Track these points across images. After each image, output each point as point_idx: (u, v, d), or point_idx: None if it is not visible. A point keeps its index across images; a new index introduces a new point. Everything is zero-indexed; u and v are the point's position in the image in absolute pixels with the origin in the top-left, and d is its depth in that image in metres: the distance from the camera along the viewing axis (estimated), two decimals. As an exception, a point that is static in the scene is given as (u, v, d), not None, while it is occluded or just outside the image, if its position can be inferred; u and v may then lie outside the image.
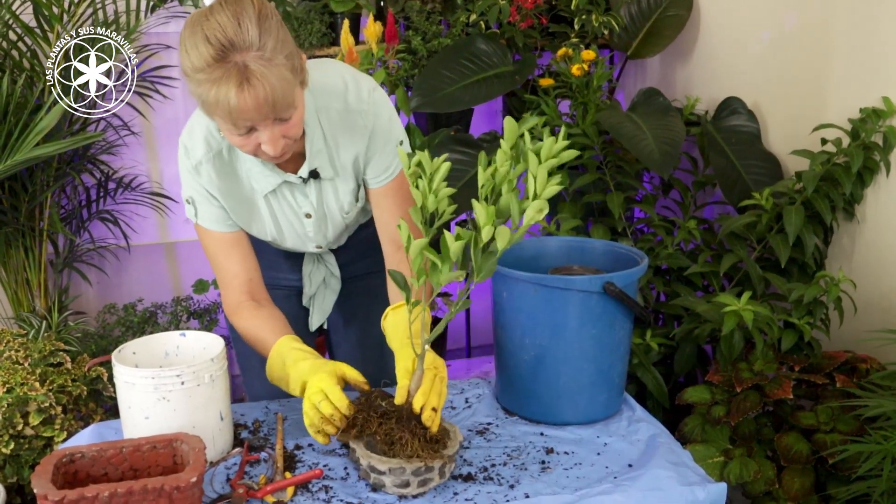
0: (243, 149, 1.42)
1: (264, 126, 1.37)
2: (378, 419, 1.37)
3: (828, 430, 1.95)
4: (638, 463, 1.45)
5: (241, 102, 1.30)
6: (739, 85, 2.78)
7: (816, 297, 2.17)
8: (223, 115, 1.34)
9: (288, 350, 1.50)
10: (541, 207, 1.24)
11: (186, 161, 1.56)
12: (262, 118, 1.34)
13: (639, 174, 2.72)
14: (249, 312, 1.60)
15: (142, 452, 1.32)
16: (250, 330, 1.60)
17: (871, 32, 2.22)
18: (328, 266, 1.84)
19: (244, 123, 1.35)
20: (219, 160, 1.55)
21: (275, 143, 1.39)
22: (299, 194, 1.62)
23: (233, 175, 1.58)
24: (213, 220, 1.60)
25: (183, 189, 1.61)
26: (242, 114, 1.32)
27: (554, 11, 3.06)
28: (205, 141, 1.54)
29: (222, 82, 1.29)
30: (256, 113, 1.32)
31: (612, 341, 1.58)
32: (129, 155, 3.20)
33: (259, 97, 1.30)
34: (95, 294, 3.28)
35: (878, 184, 2.24)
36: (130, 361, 1.49)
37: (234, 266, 1.62)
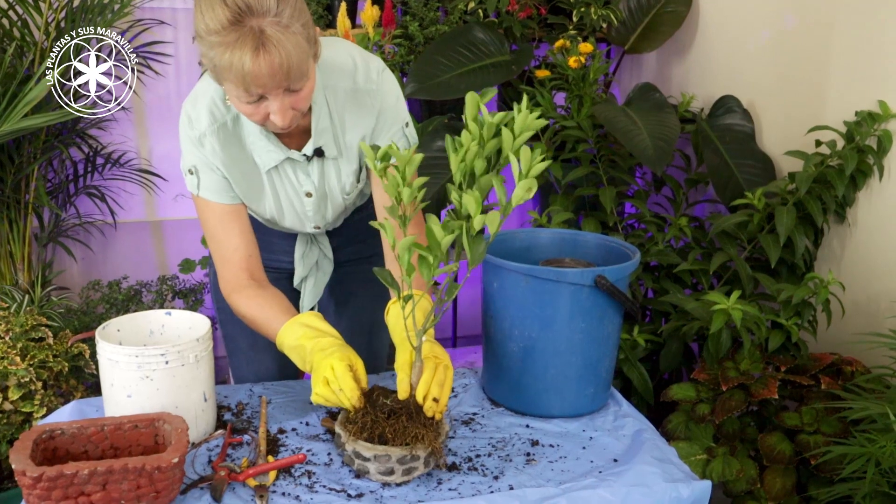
0: (251, 118, 1.40)
1: (275, 95, 1.35)
2: (385, 418, 1.34)
3: (811, 431, 1.96)
4: (623, 458, 1.44)
5: (255, 67, 1.28)
6: (735, 84, 2.78)
7: (805, 299, 2.17)
8: (235, 80, 1.31)
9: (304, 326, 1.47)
10: (529, 186, 1.20)
11: (190, 131, 1.53)
12: (275, 86, 1.32)
13: (632, 169, 2.71)
14: (253, 291, 1.56)
15: (123, 431, 1.31)
16: (253, 309, 1.55)
17: (869, 36, 2.21)
18: (322, 248, 1.82)
19: (256, 90, 1.33)
20: (223, 132, 1.53)
21: (284, 113, 1.38)
22: (301, 172, 1.61)
23: (237, 148, 1.55)
24: (216, 191, 1.57)
25: (184, 159, 1.57)
26: (256, 79, 1.30)
27: (553, 3, 3.04)
28: (209, 112, 1.52)
29: (237, 46, 1.27)
30: (270, 79, 1.30)
31: (601, 335, 1.57)
32: (118, 130, 3.17)
33: (274, 63, 1.28)
34: (80, 270, 3.25)
35: (871, 187, 2.24)
36: (114, 339, 1.48)
37: (235, 239, 1.59)
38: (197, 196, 1.59)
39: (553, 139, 2.70)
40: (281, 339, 1.48)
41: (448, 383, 1.37)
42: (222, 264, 1.60)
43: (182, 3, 3.06)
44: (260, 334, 1.73)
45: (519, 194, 1.21)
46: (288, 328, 1.47)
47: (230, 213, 1.59)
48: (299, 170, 1.60)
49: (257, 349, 1.85)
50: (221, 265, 1.60)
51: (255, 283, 1.58)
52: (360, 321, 1.91)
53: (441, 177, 2.64)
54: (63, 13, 2.77)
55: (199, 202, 1.60)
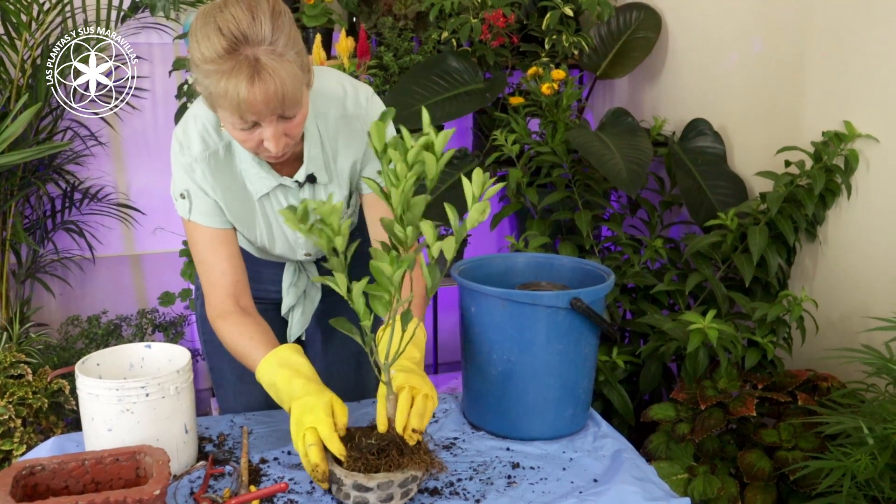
0: (245, 144, 1.42)
1: (269, 122, 1.37)
2: (376, 458, 1.33)
3: (790, 447, 1.98)
4: (603, 478, 1.45)
5: (250, 95, 1.30)
6: (706, 107, 2.83)
7: (779, 317, 2.20)
8: (230, 108, 1.33)
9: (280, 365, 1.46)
10: (483, 209, 1.22)
11: (181, 157, 1.54)
12: (269, 113, 1.35)
13: (606, 193, 2.75)
14: (237, 318, 1.56)
15: (104, 465, 1.30)
16: (235, 337, 1.55)
17: (835, 58, 2.27)
18: (310, 277, 1.83)
19: (250, 117, 1.35)
20: (214, 159, 1.54)
21: (277, 140, 1.39)
22: (293, 199, 1.62)
23: (229, 175, 1.57)
24: (207, 215, 1.57)
25: (175, 184, 1.58)
26: (251, 107, 1.32)
27: (525, 31, 3.09)
28: (201, 139, 1.53)
29: (233, 74, 1.29)
30: (265, 107, 1.33)
31: (578, 357, 1.59)
32: (95, 165, 3.17)
33: (269, 91, 1.31)
34: (58, 306, 3.23)
35: (840, 206, 2.28)
36: (94, 373, 1.48)
37: (223, 263, 1.59)
38: (188, 221, 1.59)
39: (528, 165, 2.73)
40: (259, 376, 1.49)
41: (427, 413, 1.37)
42: (210, 288, 1.59)
43: (158, 39, 3.08)
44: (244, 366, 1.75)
45: (474, 217, 1.23)
46: (265, 365, 1.47)
47: (220, 238, 1.59)
48: (291, 196, 1.62)
49: (245, 381, 1.85)
50: (209, 289, 1.60)
51: (241, 309, 1.58)
52: (347, 349, 1.92)
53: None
54: (39, 50, 2.79)
55: (189, 226, 1.60)
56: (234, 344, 1.55)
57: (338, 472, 1.32)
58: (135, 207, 3.22)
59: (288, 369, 1.45)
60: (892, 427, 1.59)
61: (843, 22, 2.23)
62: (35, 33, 2.76)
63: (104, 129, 3.13)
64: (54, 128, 2.99)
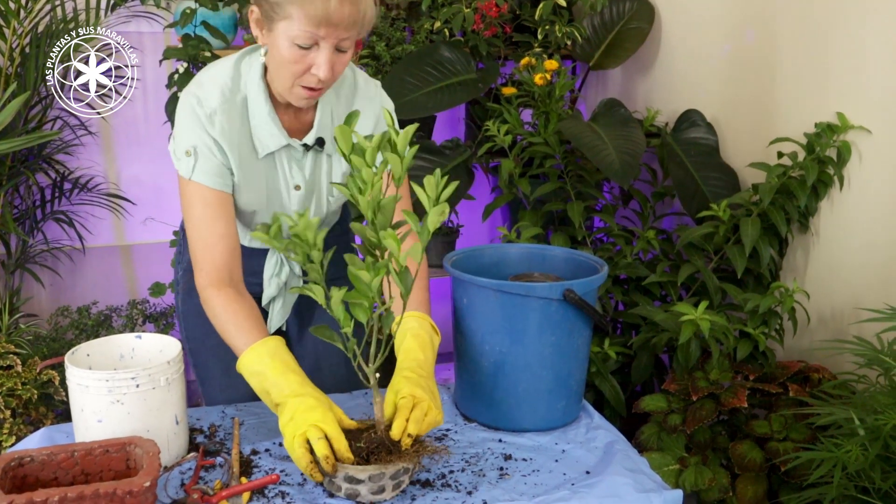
0: (293, 66, 1.45)
1: (329, 45, 1.43)
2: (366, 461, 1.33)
3: (781, 438, 1.99)
4: (595, 470, 1.45)
5: (339, 7, 1.38)
6: (699, 98, 2.82)
7: (771, 308, 2.20)
8: (309, 17, 1.38)
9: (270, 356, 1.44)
10: (442, 210, 1.25)
11: (199, 110, 1.52)
12: (344, 31, 1.41)
13: (599, 184, 2.74)
14: (231, 294, 1.53)
15: (94, 456, 1.30)
16: (228, 314, 1.51)
17: (827, 49, 2.26)
18: (292, 267, 1.82)
19: (321, 32, 1.40)
20: (233, 110, 1.55)
21: (330, 65, 1.45)
22: (295, 164, 1.63)
23: (243, 128, 1.56)
24: (212, 174, 1.54)
25: (179, 141, 1.54)
26: (333, 19, 1.38)
27: (518, 21, 3.08)
28: (220, 91, 1.54)
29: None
30: (344, 22, 1.40)
31: (571, 348, 1.59)
32: (85, 155, 3.15)
33: (355, 9, 1.40)
34: (48, 296, 3.21)
35: (832, 197, 2.28)
36: (84, 363, 1.47)
37: (222, 227, 1.55)
38: (189, 181, 1.55)
39: (521, 155, 2.72)
40: (245, 362, 1.46)
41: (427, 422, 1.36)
42: (204, 253, 1.55)
43: (148, 27, 3.05)
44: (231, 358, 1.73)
45: (433, 220, 1.25)
46: (254, 353, 1.45)
47: (221, 200, 1.56)
48: (294, 161, 1.62)
49: (231, 374, 1.83)
50: (203, 254, 1.55)
51: (234, 284, 1.56)
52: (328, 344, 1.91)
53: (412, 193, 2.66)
54: (27, 38, 2.76)
55: (189, 187, 1.55)
56: (223, 321, 1.52)
57: None
58: (125, 197, 3.21)
59: (279, 362, 1.44)
60: (882, 418, 1.59)
61: (836, 13, 2.22)
62: (23, 21, 2.73)
63: (94, 119, 3.11)
64: (43, 117, 2.96)
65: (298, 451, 1.31)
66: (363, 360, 1.34)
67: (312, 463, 1.31)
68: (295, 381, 1.41)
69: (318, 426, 1.31)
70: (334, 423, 1.33)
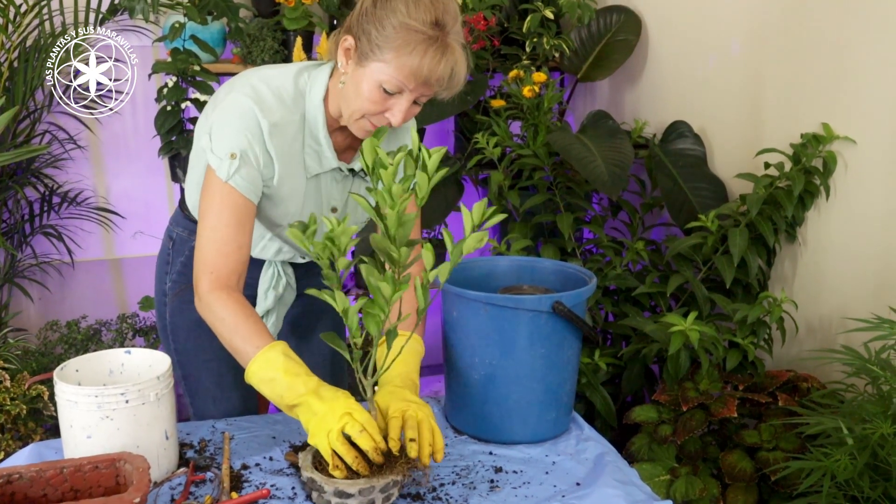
0: (373, 105, 1.48)
1: (410, 96, 1.48)
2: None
3: (771, 447, 2.00)
4: (586, 481, 1.46)
5: (432, 68, 1.43)
6: (686, 109, 2.84)
7: (760, 318, 2.22)
8: (407, 70, 1.43)
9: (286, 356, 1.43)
10: (481, 237, 1.27)
11: (262, 119, 1.50)
12: (427, 90, 1.48)
13: (588, 195, 2.76)
14: (242, 300, 1.51)
15: (83, 473, 1.29)
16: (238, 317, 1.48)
17: (812, 60, 2.28)
18: (288, 279, 1.82)
19: (411, 85, 1.45)
20: (291, 126, 1.55)
21: (405, 115, 1.50)
22: (337, 187, 1.65)
23: (295, 144, 1.57)
24: (251, 183, 1.52)
25: (227, 142, 1.51)
26: (420, 76, 1.44)
27: (506, 34, 3.10)
28: (280, 104, 1.53)
29: (433, 44, 1.43)
30: (436, 82, 1.46)
31: (560, 360, 1.59)
32: (74, 169, 3.14)
33: (447, 71, 1.45)
34: (37, 311, 3.20)
35: (819, 207, 2.30)
36: (73, 379, 1.46)
37: (242, 238, 1.53)
38: (224, 182, 1.51)
39: (510, 167, 2.73)
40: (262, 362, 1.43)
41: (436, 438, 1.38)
42: (217, 258, 1.52)
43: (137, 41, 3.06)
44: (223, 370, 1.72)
45: (470, 244, 1.27)
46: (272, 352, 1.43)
47: (249, 210, 1.54)
48: (336, 184, 1.65)
49: (223, 387, 1.83)
50: (215, 258, 1.52)
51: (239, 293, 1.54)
52: (320, 353, 1.91)
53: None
54: (16, 53, 2.76)
55: (221, 189, 1.52)
56: (230, 326, 1.48)
57: (318, 480, 1.32)
58: (114, 211, 3.20)
59: (292, 364, 1.42)
60: (870, 427, 1.60)
61: (820, 25, 2.24)
62: (12, 36, 2.73)
63: (83, 133, 3.11)
64: (32, 131, 2.96)
65: (341, 448, 1.31)
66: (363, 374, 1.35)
67: (358, 457, 1.31)
68: (310, 380, 1.40)
69: (351, 416, 1.32)
70: (362, 410, 1.34)
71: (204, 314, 1.52)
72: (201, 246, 1.53)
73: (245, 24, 2.86)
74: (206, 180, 1.54)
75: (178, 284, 1.80)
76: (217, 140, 1.52)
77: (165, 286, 1.84)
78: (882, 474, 1.63)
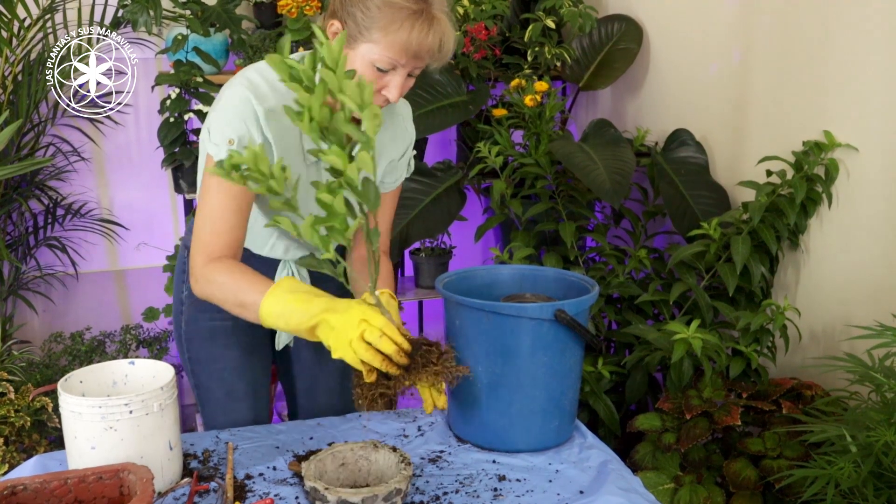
0: None
1: (405, 70, 1.49)
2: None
3: (774, 455, 1.99)
4: (589, 490, 1.46)
5: (420, 40, 1.45)
6: (688, 117, 2.85)
7: (763, 325, 2.21)
8: (396, 46, 1.45)
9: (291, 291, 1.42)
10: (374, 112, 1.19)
11: (257, 106, 1.52)
12: (419, 63, 1.49)
13: (590, 204, 2.76)
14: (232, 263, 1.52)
15: (87, 483, 1.29)
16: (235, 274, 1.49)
17: (813, 68, 2.29)
18: (302, 279, 1.82)
19: (403, 60, 1.47)
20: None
21: (400, 90, 1.51)
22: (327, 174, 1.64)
23: (294, 131, 1.58)
24: None
25: (224, 129, 1.52)
26: (411, 50, 1.45)
27: (507, 43, 3.11)
28: (277, 92, 1.55)
29: (419, 18, 1.44)
30: (428, 53, 1.48)
31: (563, 368, 1.59)
32: (78, 181, 3.16)
33: (436, 42, 1.47)
34: (41, 322, 3.21)
35: (821, 215, 2.30)
36: (77, 390, 1.47)
37: (235, 220, 1.54)
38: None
39: (512, 176, 2.74)
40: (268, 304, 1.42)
41: None
42: (210, 237, 1.53)
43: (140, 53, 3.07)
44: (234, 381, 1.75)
45: (368, 126, 1.19)
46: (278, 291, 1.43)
47: (244, 196, 1.55)
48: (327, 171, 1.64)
49: (233, 397, 1.83)
50: (209, 238, 1.53)
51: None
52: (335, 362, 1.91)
53: (405, 215, 2.67)
54: (20, 66, 2.78)
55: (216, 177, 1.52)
56: (231, 287, 1.49)
57: (321, 489, 1.32)
58: (118, 223, 3.21)
59: (302, 293, 1.42)
60: (874, 435, 1.60)
61: (821, 32, 2.25)
62: (16, 49, 2.75)
63: (87, 145, 3.12)
64: (36, 144, 2.97)
65: (367, 354, 1.31)
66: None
67: (386, 360, 1.32)
68: (323, 300, 1.39)
69: (368, 322, 1.32)
70: (379, 314, 1.33)
71: (203, 289, 1.53)
72: (196, 228, 1.55)
73: (247, 36, 2.88)
74: (204, 167, 1.57)
75: (194, 293, 1.81)
76: (215, 130, 1.54)
77: (182, 294, 1.84)
78: (886, 482, 1.63)
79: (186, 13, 2.72)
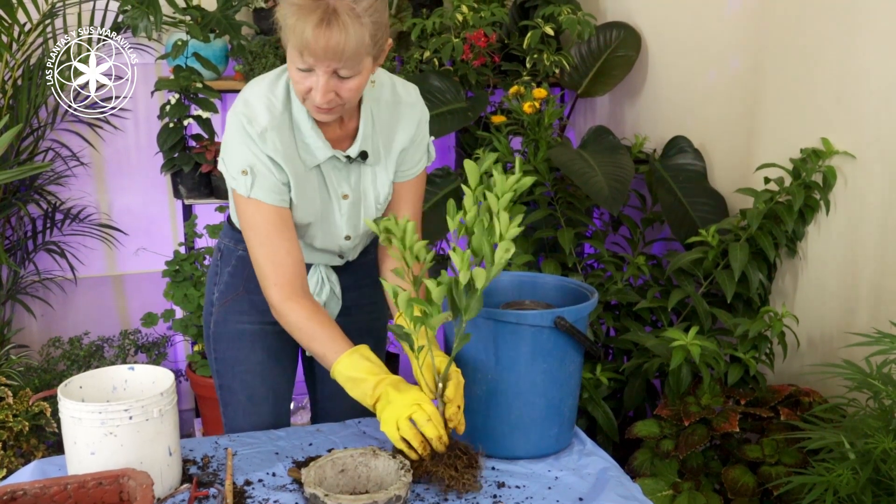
0: (297, 86, 1.50)
1: (323, 72, 1.46)
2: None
3: (773, 462, 1.99)
4: (588, 497, 1.46)
5: (313, 39, 1.41)
6: (686, 124, 2.85)
7: (761, 332, 2.22)
8: (294, 43, 1.44)
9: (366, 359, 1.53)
10: (507, 247, 1.37)
11: (250, 129, 1.56)
12: (325, 62, 1.44)
13: (589, 210, 2.76)
14: (314, 304, 1.62)
15: (87, 489, 1.30)
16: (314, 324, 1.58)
17: (811, 76, 2.30)
18: (333, 287, 1.82)
19: (308, 59, 1.44)
20: (283, 126, 1.58)
21: (324, 92, 1.48)
22: (340, 175, 1.67)
23: (291, 144, 1.60)
24: (271, 191, 1.58)
25: (233, 162, 1.59)
26: (310, 49, 1.42)
27: (506, 50, 3.12)
28: (267, 109, 1.57)
29: (307, 12, 1.40)
30: (322, 54, 1.43)
31: (562, 375, 1.60)
32: (77, 186, 3.16)
33: (331, 41, 1.41)
34: (40, 327, 3.21)
35: (819, 222, 2.31)
36: (77, 396, 1.47)
37: (287, 243, 1.60)
38: (248, 199, 1.59)
39: (511, 183, 2.74)
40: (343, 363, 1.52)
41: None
42: (274, 269, 1.59)
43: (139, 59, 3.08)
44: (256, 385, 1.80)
45: (500, 255, 1.38)
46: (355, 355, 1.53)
47: (283, 217, 1.61)
48: (339, 172, 1.67)
49: (255, 401, 1.85)
50: (273, 270, 1.59)
51: (307, 296, 1.63)
52: None
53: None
54: (20, 71, 2.78)
55: (248, 205, 1.60)
56: (308, 334, 1.58)
57: (320, 496, 1.32)
58: (117, 228, 3.21)
59: (380, 364, 1.53)
60: (872, 441, 1.60)
61: (820, 40, 2.26)
62: (16, 54, 2.75)
63: (86, 150, 3.12)
64: (35, 148, 2.98)
65: (409, 432, 1.41)
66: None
67: (423, 441, 1.41)
68: (392, 377, 1.48)
69: (420, 406, 1.41)
70: (431, 404, 1.43)
71: (281, 322, 1.62)
72: (256, 264, 1.62)
73: (247, 42, 2.88)
74: (235, 201, 1.64)
75: (224, 295, 1.82)
76: (228, 162, 1.60)
77: (213, 296, 1.86)
78: (884, 489, 1.63)
79: (186, 19, 2.72)
